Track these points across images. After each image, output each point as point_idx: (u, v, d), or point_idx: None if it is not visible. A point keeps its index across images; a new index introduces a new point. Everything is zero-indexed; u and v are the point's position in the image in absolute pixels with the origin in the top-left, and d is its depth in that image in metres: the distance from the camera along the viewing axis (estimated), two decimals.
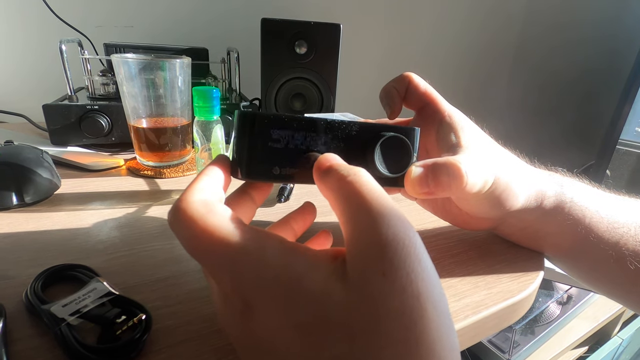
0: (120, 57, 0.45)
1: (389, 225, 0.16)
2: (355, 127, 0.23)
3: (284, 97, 0.65)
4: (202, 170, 0.21)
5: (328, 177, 0.20)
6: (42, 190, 0.39)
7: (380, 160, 0.23)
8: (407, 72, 0.34)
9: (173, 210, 0.19)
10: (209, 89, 0.39)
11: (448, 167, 0.25)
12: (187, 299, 0.27)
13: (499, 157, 0.30)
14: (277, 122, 0.21)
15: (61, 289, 0.27)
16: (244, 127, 0.21)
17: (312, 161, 0.22)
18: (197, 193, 0.19)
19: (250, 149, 0.21)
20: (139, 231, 0.35)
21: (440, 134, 0.31)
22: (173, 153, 0.51)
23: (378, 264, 0.15)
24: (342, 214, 0.18)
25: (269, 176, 0.22)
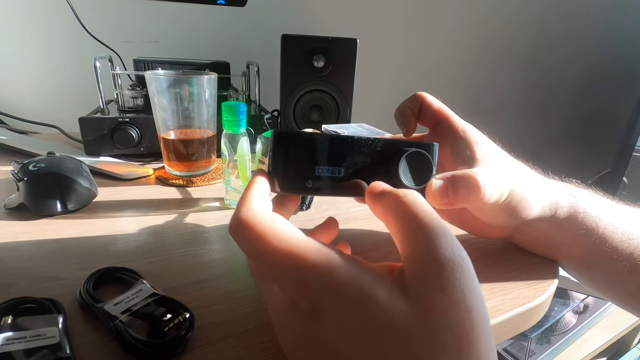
0: (152, 74, 0.48)
1: (445, 246, 0.18)
2: (380, 143, 0.26)
3: (302, 108, 0.68)
4: (251, 181, 0.24)
5: (383, 198, 0.22)
6: (83, 198, 0.42)
7: (404, 174, 0.25)
8: (420, 92, 0.36)
9: (237, 220, 0.21)
10: (237, 104, 0.41)
11: (466, 179, 0.27)
12: (224, 300, 0.29)
13: (513, 169, 0.32)
14: (310, 141, 0.24)
15: (109, 289, 0.29)
16: (280, 145, 0.24)
17: (342, 175, 0.25)
18: (257, 204, 0.22)
19: (286, 165, 0.24)
20: (173, 237, 0.38)
21: (456, 148, 0.33)
22: (199, 163, 0.54)
23: (437, 281, 0.17)
24: (398, 231, 0.20)
25: (302, 189, 0.24)
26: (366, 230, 0.42)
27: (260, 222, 0.20)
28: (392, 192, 0.22)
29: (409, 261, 0.19)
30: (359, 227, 0.43)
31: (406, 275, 0.18)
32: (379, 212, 0.22)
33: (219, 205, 0.46)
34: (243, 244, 0.21)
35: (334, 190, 0.25)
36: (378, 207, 0.22)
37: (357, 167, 0.25)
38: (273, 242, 0.19)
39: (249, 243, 0.20)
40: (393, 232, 0.21)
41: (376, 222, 0.44)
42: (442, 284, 0.17)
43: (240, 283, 0.31)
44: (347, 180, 0.25)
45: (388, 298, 0.17)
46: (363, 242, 0.39)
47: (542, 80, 1.37)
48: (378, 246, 0.38)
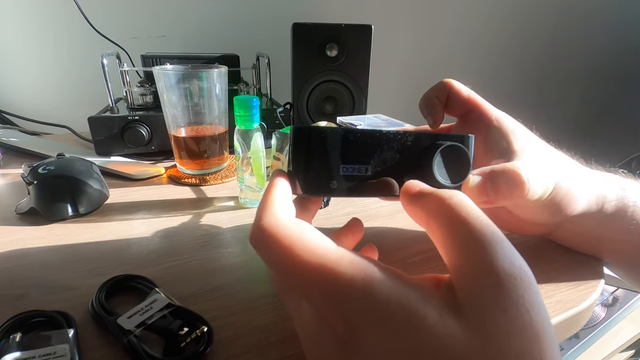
0: (160, 69, 0.46)
1: (504, 257, 0.15)
2: (411, 137, 0.23)
3: (316, 100, 0.65)
4: (271, 183, 0.21)
5: (424, 200, 0.19)
6: (94, 201, 0.41)
7: (439, 170, 0.23)
8: (447, 79, 0.33)
9: (260, 229, 0.18)
10: (249, 97, 0.39)
11: (507, 174, 0.24)
12: (242, 309, 0.27)
13: (556, 161, 0.29)
14: (333, 136, 0.21)
15: (123, 299, 0.28)
16: (301, 143, 0.21)
17: (369, 174, 0.22)
18: (281, 209, 0.20)
19: (307, 165, 0.21)
20: (187, 240, 0.36)
21: (489, 140, 0.30)
22: (212, 160, 0.52)
23: (496, 300, 0.15)
24: (444, 239, 0.17)
25: (326, 190, 0.22)
26: (390, 228, 0.39)
27: (286, 231, 0.18)
28: (434, 193, 0.19)
29: (461, 275, 0.16)
30: (382, 224, 0.40)
31: (457, 292, 0.16)
32: (418, 215, 0.20)
33: (234, 204, 0.45)
34: (267, 257, 0.18)
35: (360, 191, 0.22)
36: (417, 211, 0.20)
37: (385, 164, 0.23)
38: (302, 254, 0.17)
39: (274, 256, 0.18)
40: (437, 239, 0.18)
41: (401, 219, 0.41)
42: (503, 302, 0.14)
43: (258, 289, 0.29)
44: (375, 179, 0.23)
45: (439, 320, 0.15)
46: (389, 242, 0.37)
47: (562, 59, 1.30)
48: (405, 245, 0.36)
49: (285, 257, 0.17)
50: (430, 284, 0.17)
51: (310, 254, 0.17)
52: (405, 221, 0.41)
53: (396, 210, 0.43)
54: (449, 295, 0.16)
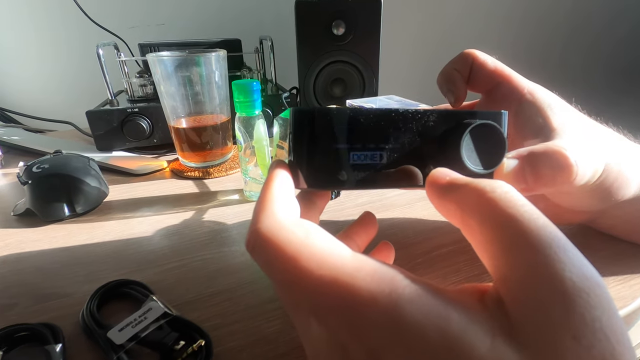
0: (155, 56, 0.43)
1: (571, 266, 0.12)
2: (433, 116, 0.19)
3: (323, 83, 0.61)
4: (269, 176, 0.18)
5: (457, 193, 0.16)
6: (92, 200, 0.39)
7: (468, 155, 0.19)
8: (469, 49, 0.29)
9: (257, 235, 0.15)
10: (249, 81, 0.36)
11: (550, 157, 0.21)
12: (247, 316, 0.25)
13: (603, 138, 0.25)
14: (340, 119, 0.18)
15: (117, 307, 0.25)
16: (303, 127, 0.18)
17: (385, 161, 0.19)
18: (282, 209, 0.16)
19: (311, 153, 0.18)
20: (188, 239, 0.34)
21: (522, 117, 0.26)
22: (215, 152, 0.49)
23: (566, 323, 0.11)
24: (486, 242, 0.14)
25: (334, 183, 0.19)
26: (409, 219, 0.36)
27: (289, 236, 0.15)
28: (470, 184, 0.15)
29: (513, 288, 0.13)
30: (399, 215, 0.37)
31: (511, 310, 0.12)
32: (449, 212, 0.16)
33: (239, 198, 0.42)
34: (268, 268, 0.15)
35: (375, 182, 0.19)
36: (448, 206, 0.16)
37: (404, 150, 0.19)
38: (310, 265, 0.14)
39: (276, 267, 0.15)
40: (477, 242, 0.15)
41: (420, 208, 0.38)
42: (575, 327, 0.11)
43: (264, 293, 0.27)
44: (392, 168, 0.19)
45: (490, 350, 0.11)
46: (407, 234, 0.33)
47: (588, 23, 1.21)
48: (425, 237, 0.33)
49: (289, 269, 0.14)
50: (473, 299, 0.13)
51: (319, 264, 0.14)
52: (426, 211, 0.37)
53: (415, 198, 0.40)
54: (499, 314, 0.12)
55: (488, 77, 0.28)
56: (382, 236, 0.33)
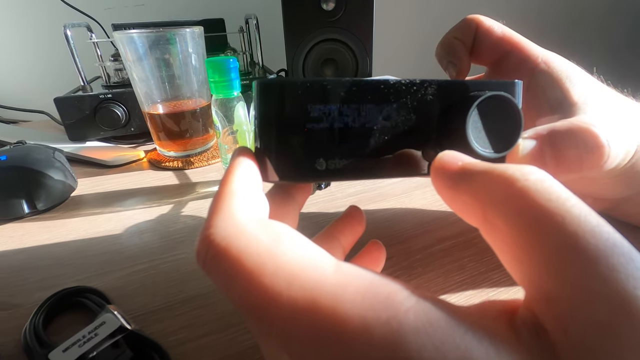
0: (123, 34, 0.39)
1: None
2: (431, 88, 0.16)
3: (313, 64, 0.57)
4: (230, 168, 0.14)
5: (472, 182, 0.12)
6: (56, 194, 0.35)
7: (475, 135, 0.15)
8: (473, 15, 0.25)
9: (208, 242, 0.11)
10: (224, 58, 0.32)
11: (577, 136, 0.17)
12: (220, 327, 0.21)
13: (632, 114, 0.21)
14: (316, 92, 0.14)
15: (68, 320, 0.22)
16: (269, 103, 0.14)
17: (373, 144, 0.15)
18: (243, 208, 0.13)
19: (281, 137, 0.14)
20: (161, 236, 0.30)
21: (536, 89, 0.22)
22: (195, 140, 0.45)
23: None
24: (517, 246, 0.10)
25: (312, 174, 0.15)
26: (406, 210, 0.32)
27: (251, 244, 0.11)
28: (493, 171, 0.11)
29: (563, 312, 0.09)
30: (395, 205, 0.33)
31: (558, 342, 0.09)
32: (465, 205, 0.12)
33: None
34: (223, 287, 0.11)
35: (361, 171, 0.15)
36: (464, 197, 0.12)
37: (396, 130, 0.15)
38: (278, 283, 0.10)
39: (233, 286, 0.11)
40: (503, 243, 0.11)
41: (419, 197, 0.34)
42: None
43: None
44: (383, 153, 0.15)
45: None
46: (404, 227, 0.30)
47: None
48: (424, 230, 0.29)
49: (249, 288, 0.11)
50: (500, 324, 0.10)
51: (290, 280, 0.10)
52: (425, 200, 0.34)
53: (413, 186, 0.36)
54: (538, 347, 0.09)
55: (495, 46, 0.24)
56: (377, 229, 0.30)
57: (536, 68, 0.23)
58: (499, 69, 0.25)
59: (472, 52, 0.25)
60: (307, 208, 0.33)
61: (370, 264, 0.20)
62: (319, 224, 0.30)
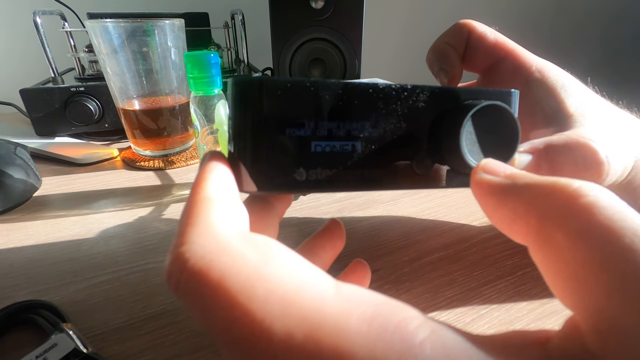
0: (97, 23, 0.36)
1: None
2: (424, 94, 0.14)
3: (300, 63, 0.55)
4: (201, 174, 0.12)
5: (526, 191, 0.11)
6: (15, 194, 0.32)
7: (469, 146, 0.14)
8: (465, 19, 0.24)
9: (182, 261, 0.09)
10: (204, 53, 0.30)
11: (574, 150, 0.16)
12: (190, 348, 0.19)
13: (629, 127, 0.20)
14: (297, 93, 0.12)
15: (16, 340, 0.19)
16: (245, 104, 0.12)
17: (359, 154, 0.13)
18: (223, 219, 0.11)
19: (257, 142, 0.12)
20: (130, 244, 0.28)
21: (530, 99, 0.21)
22: (173, 138, 0.43)
23: None
24: (579, 266, 0.09)
25: (288, 184, 0.13)
26: (393, 218, 0.31)
27: (236, 264, 0.09)
28: (554, 183, 0.10)
29: (628, 343, 0.08)
30: (382, 213, 0.32)
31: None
32: (515, 215, 0.11)
33: None
34: (202, 316, 0.09)
35: (345, 182, 0.14)
36: (517, 207, 0.11)
37: (385, 139, 0.14)
38: (271, 314, 0.08)
39: (215, 316, 0.09)
40: (561, 262, 0.10)
41: (407, 205, 0.33)
42: None
43: None
44: (370, 164, 0.14)
45: None
46: (392, 236, 0.28)
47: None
48: (413, 240, 0.28)
49: (236, 318, 0.09)
50: (528, 355, 0.09)
51: (286, 307, 0.09)
52: (413, 208, 0.32)
53: (401, 193, 0.35)
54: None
55: (488, 53, 0.23)
56: (364, 238, 0.28)
57: (530, 77, 0.22)
58: (491, 77, 0.24)
59: (464, 59, 0.24)
60: (290, 214, 0.31)
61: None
62: (303, 233, 0.29)
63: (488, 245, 0.27)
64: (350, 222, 0.30)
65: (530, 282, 0.23)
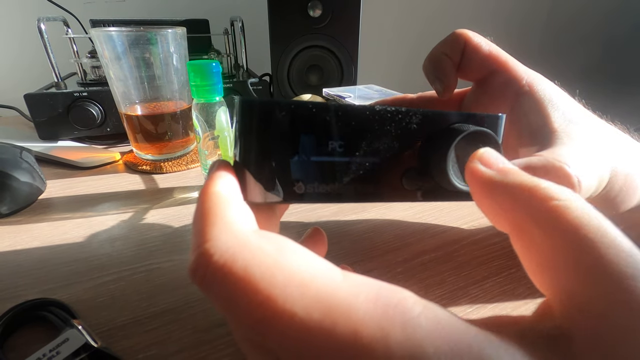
0: (101, 32, 0.37)
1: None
2: (416, 117, 0.16)
3: (298, 70, 0.57)
4: (211, 179, 0.13)
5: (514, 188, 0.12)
6: (21, 197, 0.33)
7: (454, 168, 0.15)
8: (461, 29, 0.25)
9: (207, 257, 0.11)
10: (207, 62, 0.31)
11: (550, 172, 0.17)
12: (193, 343, 0.20)
13: (609, 140, 0.21)
14: (299, 115, 0.14)
15: (29, 336, 0.21)
16: (252, 124, 0.14)
17: (352, 171, 0.15)
18: (240, 218, 0.12)
19: (261, 159, 0.14)
20: (134, 245, 0.29)
21: (518, 113, 0.23)
22: (174, 143, 0.44)
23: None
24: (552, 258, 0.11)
25: (289, 196, 0.14)
26: (386, 221, 0.32)
27: (257, 255, 0.11)
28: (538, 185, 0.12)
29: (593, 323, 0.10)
30: (375, 216, 0.33)
31: (583, 345, 0.10)
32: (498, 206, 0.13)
33: (198, 196, 0.37)
34: (226, 304, 0.11)
35: (342, 196, 0.15)
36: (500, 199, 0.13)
37: (379, 157, 0.15)
38: (292, 297, 0.10)
39: (239, 301, 0.10)
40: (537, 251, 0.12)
41: (399, 209, 0.34)
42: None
43: (216, 313, 0.22)
44: (365, 180, 0.15)
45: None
46: (384, 238, 0.30)
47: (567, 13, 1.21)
48: (405, 243, 0.29)
49: (260, 302, 0.10)
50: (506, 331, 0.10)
51: (304, 291, 0.10)
52: (405, 211, 0.34)
53: None
54: (553, 346, 0.10)
55: (481, 64, 0.25)
56: (358, 240, 0.30)
57: (520, 90, 0.23)
58: (485, 87, 0.25)
59: (459, 68, 0.25)
60: (287, 217, 0.33)
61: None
62: (300, 234, 0.30)
63: (476, 248, 0.28)
64: (345, 225, 0.32)
65: (514, 282, 0.25)
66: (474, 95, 0.26)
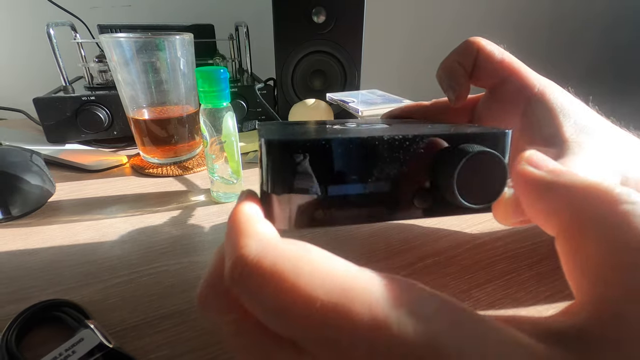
0: (110, 38, 0.38)
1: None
2: (424, 141, 0.17)
3: (302, 75, 0.58)
4: (240, 202, 0.15)
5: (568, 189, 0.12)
6: (32, 200, 0.34)
7: (461, 187, 0.16)
8: (474, 37, 0.26)
9: (243, 260, 0.12)
10: (215, 69, 0.32)
11: None
12: (202, 344, 0.21)
13: (621, 149, 0.22)
14: (315, 151, 0.15)
15: (44, 336, 0.21)
16: (274, 160, 0.15)
17: (368, 196, 0.16)
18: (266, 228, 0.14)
19: (285, 190, 0.15)
20: (143, 247, 0.30)
21: (530, 120, 0.23)
22: (181, 146, 0.44)
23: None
24: (602, 263, 0.11)
25: (309, 222, 0.16)
26: (390, 225, 0.33)
27: (285, 252, 0.12)
28: (597, 185, 0.12)
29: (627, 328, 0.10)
30: None
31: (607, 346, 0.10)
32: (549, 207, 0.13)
33: (205, 199, 0.38)
34: (257, 295, 0.12)
35: (357, 218, 0.17)
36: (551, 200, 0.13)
37: (390, 182, 0.17)
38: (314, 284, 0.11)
39: (268, 290, 0.11)
40: (585, 256, 0.11)
41: None
42: None
43: None
44: (378, 203, 0.17)
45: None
46: (390, 242, 0.30)
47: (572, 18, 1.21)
48: (410, 246, 0.30)
49: (286, 289, 0.11)
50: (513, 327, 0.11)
51: (326, 279, 0.11)
52: None
53: None
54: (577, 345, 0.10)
55: (494, 72, 0.25)
56: (364, 244, 0.30)
57: (532, 97, 0.23)
58: (497, 94, 0.26)
59: (472, 75, 0.26)
60: None
61: None
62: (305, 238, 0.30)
63: (478, 252, 0.29)
64: (351, 229, 0.32)
65: (516, 286, 0.25)
66: (487, 102, 0.27)
